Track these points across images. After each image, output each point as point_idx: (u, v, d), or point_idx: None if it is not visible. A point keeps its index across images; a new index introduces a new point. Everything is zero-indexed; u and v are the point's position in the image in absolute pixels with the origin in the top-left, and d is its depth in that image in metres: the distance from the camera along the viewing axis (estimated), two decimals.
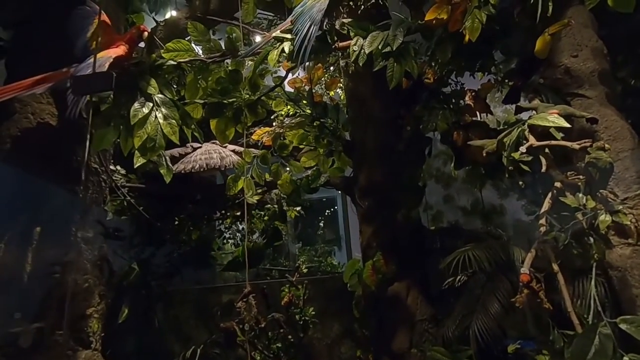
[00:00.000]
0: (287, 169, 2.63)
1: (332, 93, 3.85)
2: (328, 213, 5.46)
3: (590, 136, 1.94)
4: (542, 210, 1.35)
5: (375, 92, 2.72)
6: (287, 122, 2.50)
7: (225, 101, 1.94)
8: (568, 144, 1.33)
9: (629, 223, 1.22)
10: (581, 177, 1.33)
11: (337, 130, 2.86)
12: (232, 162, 2.61)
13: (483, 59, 2.90)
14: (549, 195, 1.36)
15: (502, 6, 2.35)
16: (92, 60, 1.62)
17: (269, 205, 2.83)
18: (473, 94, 3.04)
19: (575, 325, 1.21)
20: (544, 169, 1.35)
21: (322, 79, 3.21)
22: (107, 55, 1.61)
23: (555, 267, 1.28)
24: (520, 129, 1.44)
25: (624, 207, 1.77)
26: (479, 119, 3.00)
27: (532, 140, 1.39)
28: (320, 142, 2.82)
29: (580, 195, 1.27)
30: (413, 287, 2.39)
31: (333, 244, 5.39)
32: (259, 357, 2.78)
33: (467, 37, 1.96)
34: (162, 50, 1.84)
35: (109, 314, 2.15)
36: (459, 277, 2.44)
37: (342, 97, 3.72)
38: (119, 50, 1.66)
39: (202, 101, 1.92)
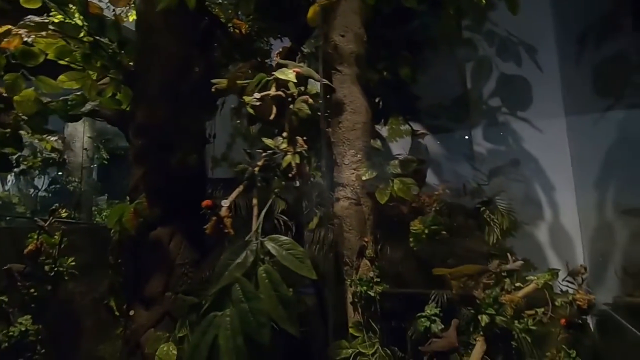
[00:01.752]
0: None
1: (132, 17, 3.32)
2: None
3: (341, 107, 2.29)
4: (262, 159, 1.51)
5: (169, 22, 2.47)
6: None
7: None
8: (282, 93, 1.49)
9: (297, 163, 1.44)
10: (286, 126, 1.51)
11: (117, 55, 2.48)
12: None
13: (287, 23, 3.03)
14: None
15: None
16: None
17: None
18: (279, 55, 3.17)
19: None
20: (272, 116, 1.49)
21: None
22: None
23: (254, 200, 1.47)
24: (265, 78, 1.54)
25: (349, 168, 2.20)
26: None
27: (272, 90, 1.50)
28: (92, 63, 2.39)
29: (279, 137, 1.47)
30: (178, 232, 2.35)
31: None
32: None
33: None
34: None
35: None
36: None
37: None
38: None
39: None
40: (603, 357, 1.87)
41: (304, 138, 1.40)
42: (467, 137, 2.96)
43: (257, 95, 1.43)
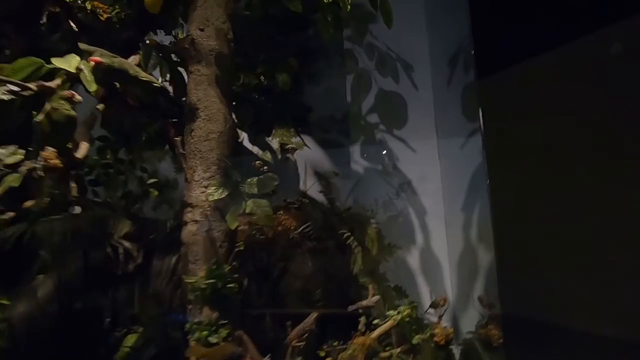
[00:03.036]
0: None
1: None
2: None
3: (194, 113, 1.94)
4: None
5: None
6: None
7: None
8: (29, 85, 1.12)
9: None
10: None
11: None
12: None
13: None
14: None
15: None
16: None
17: None
18: None
19: None
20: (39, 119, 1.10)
21: None
22: None
23: None
24: (37, 66, 1.15)
25: (202, 186, 1.85)
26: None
27: (56, 82, 1.12)
28: None
29: (11, 147, 1.09)
30: None
31: None
32: None
33: None
34: None
35: None
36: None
37: None
38: None
39: None
40: None
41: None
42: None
43: (13, 87, 1.02)
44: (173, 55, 2.16)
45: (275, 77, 2.48)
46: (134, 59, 1.64)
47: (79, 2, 2.44)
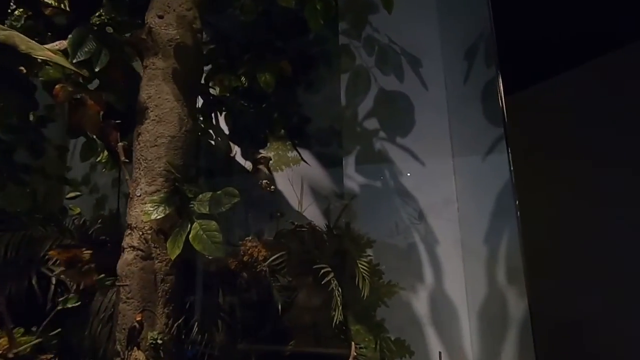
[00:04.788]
0: None
1: None
2: None
3: (143, 112, 1.61)
4: None
5: None
6: None
7: None
8: None
9: None
10: None
11: None
12: None
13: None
14: None
15: None
16: None
17: None
18: None
19: None
20: None
21: None
22: None
23: None
24: None
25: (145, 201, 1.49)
26: None
27: None
28: None
29: None
30: None
31: None
32: None
33: None
34: None
35: None
36: None
37: None
38: None
39: None
40: None
41: None
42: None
43: None
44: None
45: (257, 78, 2.15)
46: (59, 44, 1.35)
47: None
